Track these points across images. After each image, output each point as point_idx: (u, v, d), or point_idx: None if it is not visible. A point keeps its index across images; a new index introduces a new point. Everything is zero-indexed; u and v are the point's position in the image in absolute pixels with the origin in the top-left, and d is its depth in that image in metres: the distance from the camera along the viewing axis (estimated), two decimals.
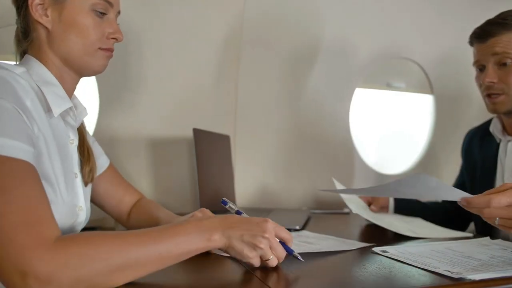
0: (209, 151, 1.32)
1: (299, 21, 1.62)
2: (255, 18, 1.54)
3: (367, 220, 1.20)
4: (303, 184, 1.72)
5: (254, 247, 0.67)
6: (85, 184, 0.88)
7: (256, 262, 0.68)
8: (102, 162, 1.00)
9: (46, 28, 0.80)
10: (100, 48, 0.84)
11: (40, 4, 0.79)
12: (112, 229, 1.20)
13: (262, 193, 1.65)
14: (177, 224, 0.67)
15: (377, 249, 0.84)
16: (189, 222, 0.67)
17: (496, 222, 0.74)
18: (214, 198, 1.32)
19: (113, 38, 0.85)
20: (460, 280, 0.64)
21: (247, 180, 1.63)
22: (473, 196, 0.76)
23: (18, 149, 0.63)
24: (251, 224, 0.69)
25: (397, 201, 1.33)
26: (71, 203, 0.79)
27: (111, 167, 1.04)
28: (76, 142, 0.87)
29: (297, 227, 1.10)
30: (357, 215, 1.20)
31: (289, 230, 1.06)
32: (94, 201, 0.99)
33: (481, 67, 1.17)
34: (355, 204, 1.24)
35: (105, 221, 1.25)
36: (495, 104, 1.14)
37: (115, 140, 1.38)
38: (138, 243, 0.61)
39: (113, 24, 0.85)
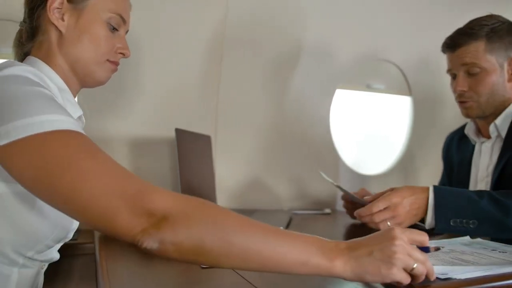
0: (191, 151, 1.31)
1: (282, 22, 1.62)
2: (238, 19, 1.53)
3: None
4: (284, 185, 1.72)
5: (390, 260, 0.57)
6: None
7: (404, 277, 0.58)
8: None
9: (59, 31, 0.80)
10: (108, 60, 0.85)
11: (58, 8, 0.80)
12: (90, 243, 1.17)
13: (243, 194, 1.64)
14: (293, 232, 0.60)
15: None
16: (308, 235, 0.60)
17: (389, 224, 0.92)
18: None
19: (121, 53, 0.87)
20: (447, 280, 0.64)
21: (228, 181, 1.62)
22: (360, 210, 0.96)
23: (76, 125, 0.63)
24: (378, 237, 0.61)
25: None
26: None
27: None
28: None
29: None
30: (338, 215, 1.21)
31: None
32: None
33: (453, 75, 1.22)
34: None
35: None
36: (466, 109, 1.19)
37: (95, 140, 1.34)
38: (262, 232, 0.58)
39: (122, 40, 0.88)
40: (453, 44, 1.17)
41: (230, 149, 1.62)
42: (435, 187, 0.93)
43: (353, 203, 1.30)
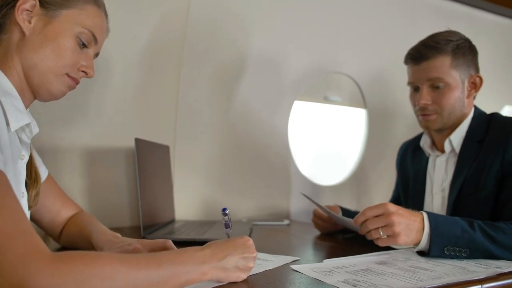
0: (150, 162, 1.27)
1: (241, 31, 1.63)
2: (198, 26, 1.52)
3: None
4: (243, 195, 1.71)
5: (246, 269, 0.72)
6: (29, 207, 0.82)
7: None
8: (40, 173, 0.93)
9: (23, 33, 0.77)
10: (68, 75, 0.81)
11: (28, 10, 0.77)
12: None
13: (201, 205, 1.62)
14: (174, 252, 0.70)
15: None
16: (185, 251, 0.67)
17: (381, 235, 0.91)
18: (156, 211, 1.28)
19: (83, 72, 0.84)
20: None
21: (186, 192, 1.59)
22: (357, 215, 0.96)
23: None
24: (240, 248, 0.72)
25: (343, 209, 1.37)
26: None
27: (50, 178, 0.97)
28: (26, 158, 0.81)
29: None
30: (296, 226, 1.21)
31: None
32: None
33: (414, 87, 1.22)
34: None
35: None
36: (428, 121, 1.20)
37: (49, 150, 1.28)
38: (140, 266, 0.59)
39: (89, 59, 0.85)
40: (419, 56, 1.17)
41: (188, 160, 1.60)
42: (428, 214, 0.93)
43: (323, 220, 1.31)
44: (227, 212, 0.81)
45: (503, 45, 2.22)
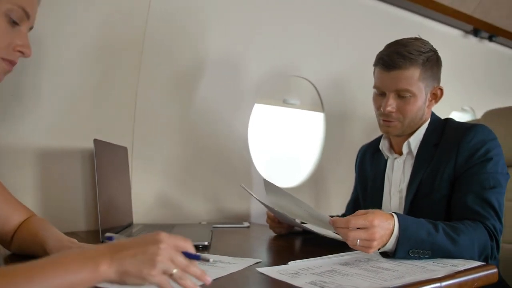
0: (109, 164, 1.23)
1: (202, 33, 1.61)
2: (158, 26, 1.49)
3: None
4: (202, 198, 1.69)
5: (152, 262, 0.57)
6: None
7: (163, 281, 0.58)
8: None
9: None
10: (2, 58, 0.75)
11: None
12: None
13: (160, 208, 1.58)
14: (59, 254, 0.58)
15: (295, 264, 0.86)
16: (70, 252, 0.59)
17: (358, 243, 0.88)
18: (113, 215, 1.23)
19: (20, 52, 0.77)
20: None
21: (145, 195, 1.55)
22: (337, 218, 0.92)
23: None
24: (143, 240, 0.60)
25: None
26: None
27: None
28: None
29: (206, 243, 1.07)
30: (256, 228, 1.21)
31: (197, 246, 1.05)
32: None
33: (380, 92, 1.23)
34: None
35: None
36: (389, 127, 1.23)
37: None
38: (26, 278, 0.52)
39: (24, 37, 0.77)
40: (391, 64, 1.17)
41: (147, 161, 1.56)
42: (399, 216, 0.93)
43: (275, 221, 1.31)
44: (113, 238, 0.74)
45: (451, 54, 2.34)
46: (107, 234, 0.73)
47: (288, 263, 0.89)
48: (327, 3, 1.86)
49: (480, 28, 2.32)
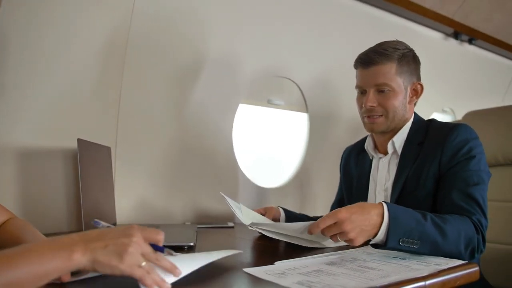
0: (92, 164, 1.21)
1: (186, 33, 1.60)
2: (143, 26, 1.48)
3: (260, 232, 1.20)
4: (186, 198, 1.68)
5: (122, 254, 0.60)
6: None
7: (137, 272, 0.60)
8: None
9: None
10: None
11: None
12: None
13: (144, 208, 1.57)
14: (31, 244, 0.60)
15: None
16: (44, 240, 0.60)
17: (340, 240, 0.93)
18: (97, 215, 1.22)
19: None
20: None
21: (128, 195, 1.53)
22: (311, 225, 0.95)
23: None
24: (116, 232, 0.63)
25: (287, 212, 1.39)
26: None
27: None
28: None
29: (191, 243, 1.06)
30: (241, 228, 1.20)
31: (183, 247, 1.04)
32: None
33: (362, 91, 1.29)
34: (245, 215, 1.24)
35: None
36: (373, 124, 1.27)
37: None
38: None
39: None
40: (368, 61, 1.24)
41: (130, 162, 1.54)
42: (388, 205, 0.95)
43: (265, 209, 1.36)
44: (100, 224, 0.78)
45: (433, 56, 2.38)
46: (96, 220, 0.75)
47: (275, 263, 0.89)
48: (312, 4, 1.87)
49: (460, 31, 2.37)
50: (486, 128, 1.69)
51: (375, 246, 0.97)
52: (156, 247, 0.67)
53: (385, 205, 0.95)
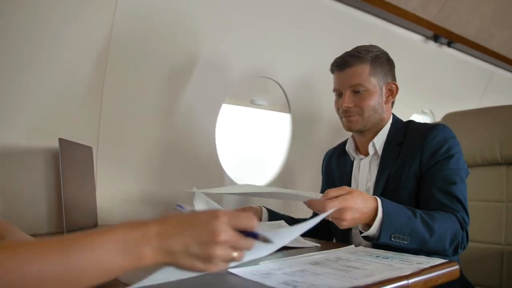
0: (74, 164, 1.20)
1: (168, 33, 1.58)
2: (126, 25, 1.45)
3: None
4: (168, 198, 1.67)
5: (209, 258, 0.52)
6: None
7: (222, 265, 0.54)
8: None
9: None
10: None
11: None
12: None
13: (126, 209, 1.55)
14: (97, 231, 0.51)
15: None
16: (112, 230, 0.50)
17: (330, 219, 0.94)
18: (79, 215, 1.20)
19: None
20: None
21: (110, 195, 1.51)
22: (315, 199, 0.94)
23: None
24: (197, 226, 0.53)
25: (270, 212, 1.39)
26: None
27: None
28: None
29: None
30: None
31: None
32: None
33: (339, 94, 1.33)
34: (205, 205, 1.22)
35: None
36: (350, 122, 1.30)
37: None
38: (57, 251, 0.47)
39: None
40: (343, 63, 1.29)
41: (113, 162, 1.52)
42: (382, 201, 0.97)
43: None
44: (184, 208, 0.74)
45: (413, 58, 2.42)
46: (179, 204, 0.67)
47: (260, 263, 0.89)
48: (294, 6, 1.88)
49: (439, 34, 2.41)
50: (465, 129, 1.73)
51: (367, 238, 1.00)
52: (247, 233, 0.57)
53: (379, 200, 0.97)
